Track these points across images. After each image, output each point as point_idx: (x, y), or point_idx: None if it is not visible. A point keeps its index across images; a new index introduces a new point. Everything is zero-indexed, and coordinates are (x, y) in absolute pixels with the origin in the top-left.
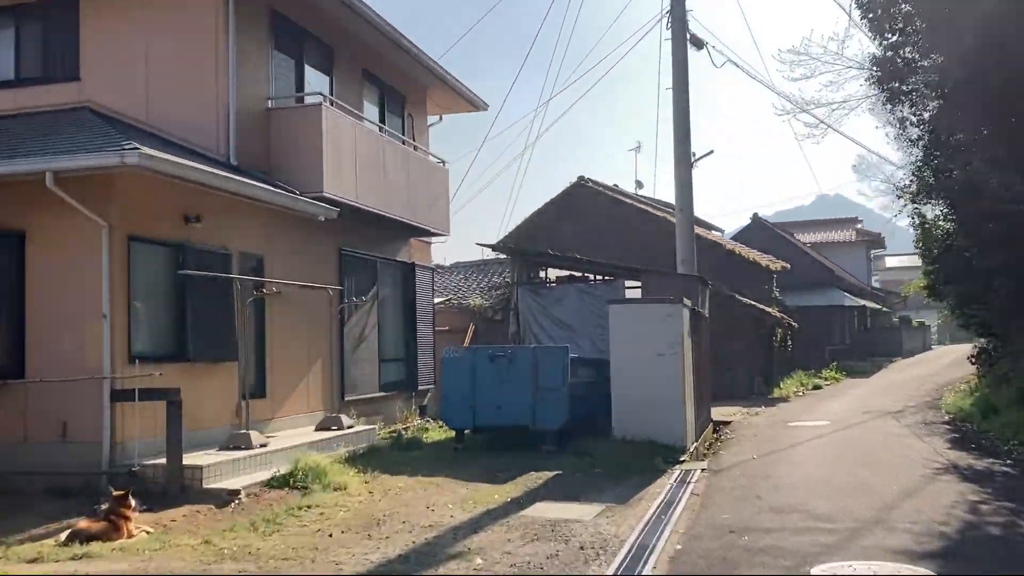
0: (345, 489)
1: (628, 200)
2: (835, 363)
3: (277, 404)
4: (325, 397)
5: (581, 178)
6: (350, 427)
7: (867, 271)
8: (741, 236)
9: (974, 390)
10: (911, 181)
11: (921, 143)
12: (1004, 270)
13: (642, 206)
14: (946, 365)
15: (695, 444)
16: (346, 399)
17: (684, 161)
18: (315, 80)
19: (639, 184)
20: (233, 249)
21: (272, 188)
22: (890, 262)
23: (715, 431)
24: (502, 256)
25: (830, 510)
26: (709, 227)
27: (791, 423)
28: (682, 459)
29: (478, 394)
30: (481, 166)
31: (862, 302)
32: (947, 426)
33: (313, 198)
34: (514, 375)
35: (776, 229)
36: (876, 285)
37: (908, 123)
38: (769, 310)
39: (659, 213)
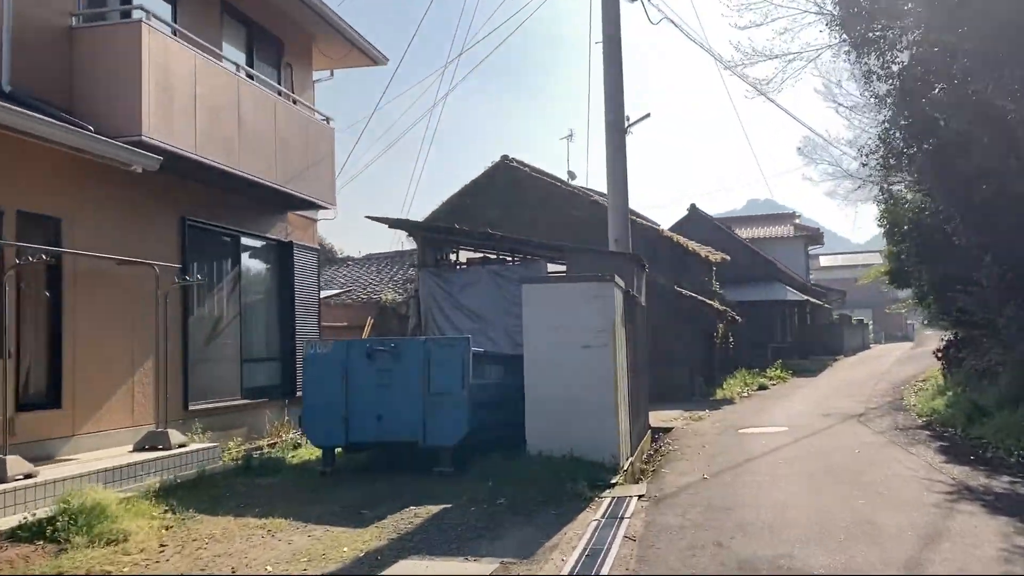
0: (126, 541)
1: (557, 183)
2: (779, 361)
3: (81, 416)
4: (161, 406)
5: (505, 157)
6: (180, 446)
7: (805, 268)
8: (678, 229)
9: (943, 389)
10: (877, 146)
11: (890, 100)
12: (994, 246)
13: (572, 190)
14: (893, 362)
15: (630, 459)
16: (191, 408)
17: (617, 125)
18: (152, 6)
19: (571, 175)
20: (6, 207)
21: (54, 122)
22: (824, 261)
23: (654, 440)
24: None
25: (833, 570)
26: (644, 220)
27: (743, 430)
28: (614, 481)
29: (352, 401)
30: (390, 135)
31: (805, 297)
32: (926, 432)
33: (129, 143)
34: (399, 376)
35: (715, 221)
36: (814, 283)
37: (875, 77)
38: (711, 303)
39: (591, 197)
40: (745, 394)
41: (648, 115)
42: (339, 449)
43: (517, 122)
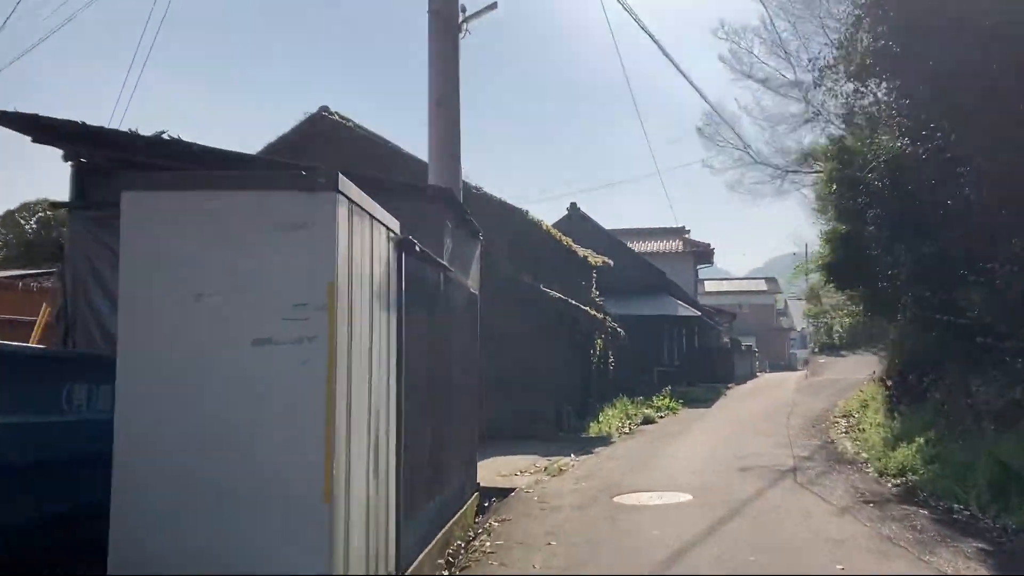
0: None
1: (383, 142)
2: (668, 388)
3: None
4: None
5: (324, 108)
6: None
7: (694, 287)
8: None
9: (898, 434)
10: (841, 50)
11: None
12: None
13: (402, 151)
14: (794, 392)
15: None
16: None
17: (445, 14)
18: None
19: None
20: None
21: None
22: (709, 287)
23: (479, 514)
24: None
25: None
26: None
27: (622, 497)
28: None
29: None
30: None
31: (698, 312)
32: (922, 511)
33: None
34: None
35: (598, 224)
36: (703, 306)
37: None
38: (586, 310)
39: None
40: (627, 430)
41: (494, 5)
42: None
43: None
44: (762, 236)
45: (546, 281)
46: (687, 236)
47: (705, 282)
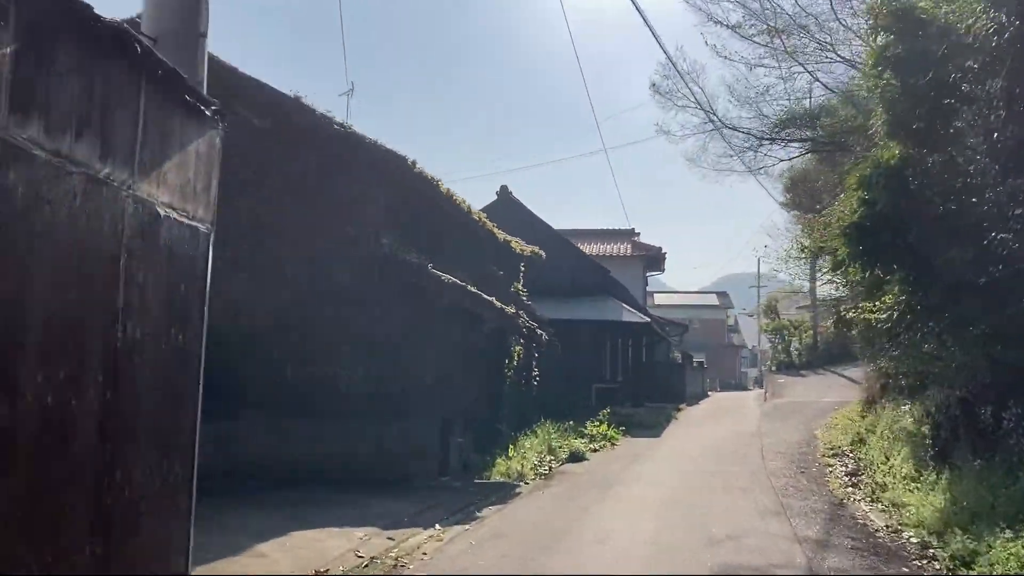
0: None
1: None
2: (607, 411)
3: None
4: None
5: None
6: None
7: (643, 296)
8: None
9: (977, 502)
10: None
11: None
12: None
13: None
14: (757, 417)
15: None
16: None
17: None
18: None
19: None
20: None
21: None
22: (659, 300)
23: None
24: None
25: None
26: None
27: None
28: None
29: None
30: None
31: (646, 319)
32: None
33: None
34: None
35: (532, 212)
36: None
37: None
38: (502, 307)
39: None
40: (545, 470)
41: None
42: None
43: None
44: (714, 250)
45: (448, 266)
46: (637, 239)
47: (655, 295)
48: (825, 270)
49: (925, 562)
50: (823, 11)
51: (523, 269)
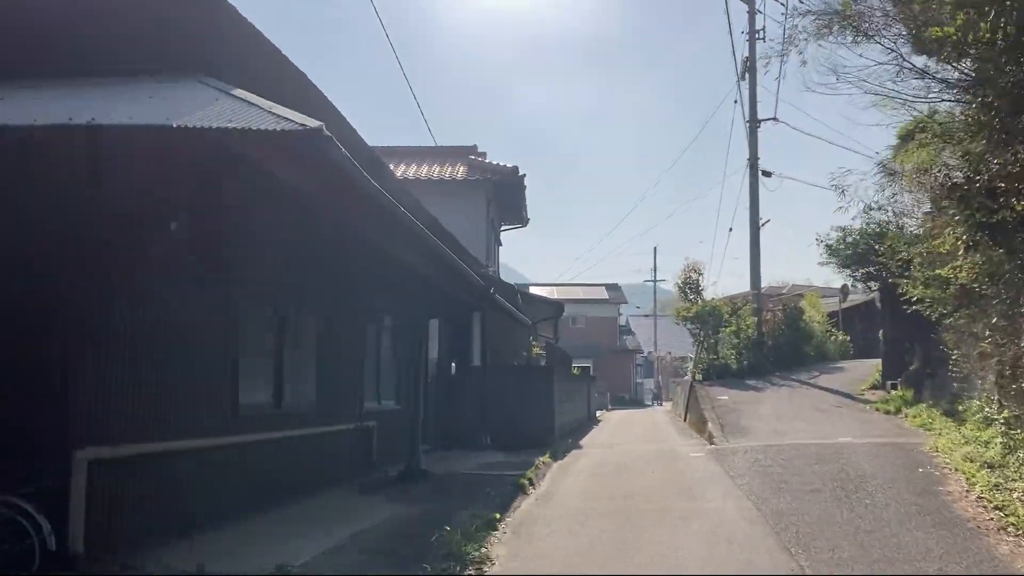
0: None
1: None
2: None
3: None
4: None
5: None
6: None
7: (490, 247)
8: None
9: None
10: None
11: None
12: None
13: None
14: (743, 522)
15: None
16: None
17: None
18: None
19: None
20: None
21: None
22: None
23: None
24: None
25: None
26: None
27: None
28: None
29: None
30: None
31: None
32: None
33: None
34: None
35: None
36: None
37: None
38: None
39: None
40: None
41: None
42: None
43: None
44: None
45: None
46: (479, 159)
47: (530, 287)
48: None
49: None
50: None
51: None
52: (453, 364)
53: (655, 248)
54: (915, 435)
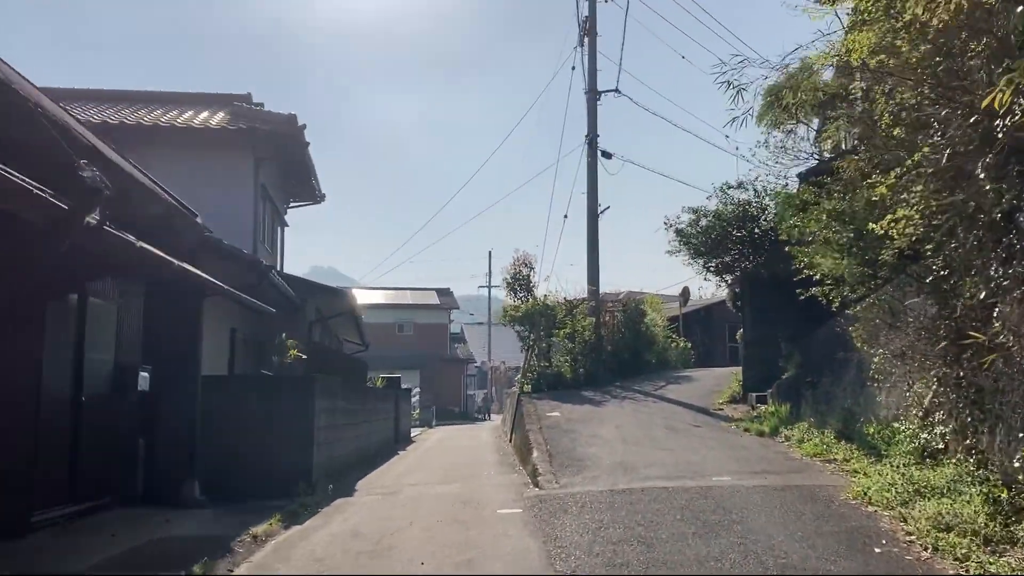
0: None
1: None
2: None
3: None
4: None
5: None
6: None
7: (258, 225)
8: None
9: None
10: None
11: None
12: None
13: None
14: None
15: None
16: None
17: None
18: None
19: None
20: None
21: None
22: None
23: None
24: None
25: None
26: None
27: None
28: None
29: None
30: None
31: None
32: None
33: None
34: None
35: None
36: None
37: None
38: None
39: None
40: None
41: None
42: None
43: None
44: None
45: None
46: (245, 103)
47: (353, 290)
48: None
49: None
50: None
51: None
52: (145, 374)
53: (490, 252)
54: (815, 471)
